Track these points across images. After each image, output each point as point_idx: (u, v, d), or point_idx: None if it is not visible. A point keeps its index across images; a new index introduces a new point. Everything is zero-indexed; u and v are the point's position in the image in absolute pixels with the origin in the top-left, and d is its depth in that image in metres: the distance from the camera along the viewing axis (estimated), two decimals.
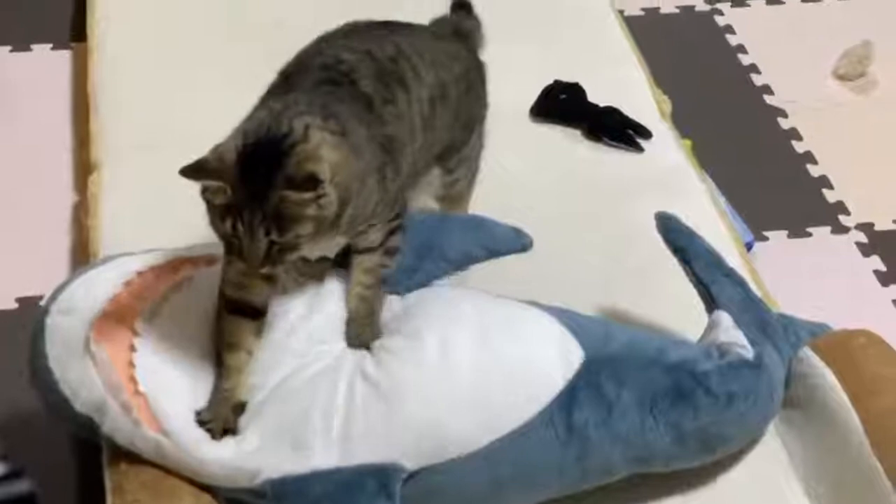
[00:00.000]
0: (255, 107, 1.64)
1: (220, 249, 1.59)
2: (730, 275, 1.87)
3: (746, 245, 2.33)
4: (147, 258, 1.76)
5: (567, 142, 2.38)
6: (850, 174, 2.69)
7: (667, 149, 2.38)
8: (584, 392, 1.65)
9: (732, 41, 3.04)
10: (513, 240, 1.86)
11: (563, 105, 2.42)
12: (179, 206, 1.56)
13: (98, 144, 2.31)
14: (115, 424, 1.63)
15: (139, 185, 2.19)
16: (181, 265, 1.75)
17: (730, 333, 1.78)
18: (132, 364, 1.63)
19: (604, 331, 1.74)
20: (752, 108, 2.86)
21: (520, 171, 2.25)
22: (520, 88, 2.39)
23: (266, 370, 1.66)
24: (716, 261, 1.88)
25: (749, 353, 1.75)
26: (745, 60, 2.98)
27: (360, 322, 1.71)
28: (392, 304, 1.75)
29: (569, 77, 2.45)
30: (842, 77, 2.94)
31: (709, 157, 2.50)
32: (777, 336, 1.81)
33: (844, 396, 1.74)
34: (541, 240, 1.87)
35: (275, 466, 1.59)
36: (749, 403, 1.72)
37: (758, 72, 2.95)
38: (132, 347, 1.65)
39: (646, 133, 2.38)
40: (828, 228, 2.58)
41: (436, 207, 1.97)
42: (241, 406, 1.64)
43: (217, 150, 1.52)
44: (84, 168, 2.38)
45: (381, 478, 1.58)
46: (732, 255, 2.03)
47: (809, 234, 2.56)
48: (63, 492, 1.99)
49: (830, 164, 2.71)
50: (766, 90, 2.90)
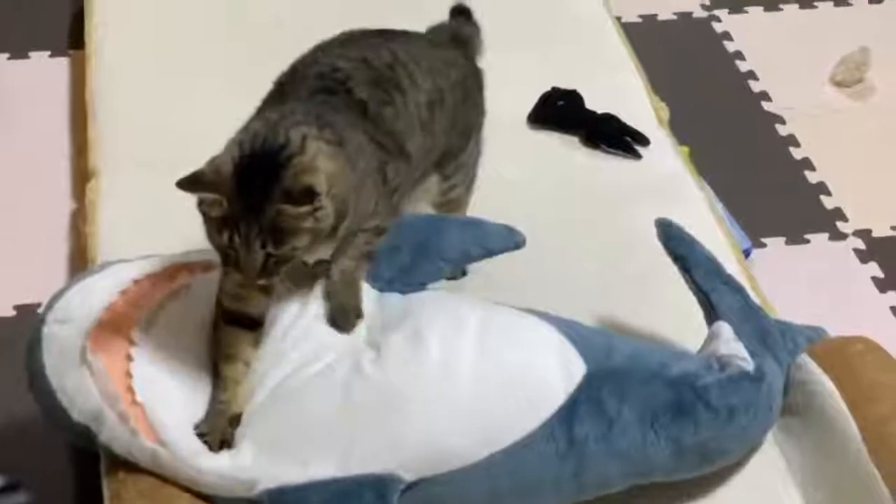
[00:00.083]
0: (252, 117, 1.64)
1: (217, 256, 1.59)
2: (729, 282, 1.86)
3: (744, 252, 2.33)
4: (143, 265, 1.76)
5: (565, 149, 2.37)
6: (848, 180, 2.68)
7: (664, 156, 2.37)
8: (585, 406, 1.64)
9: (730, 48, 3.04)
10: (506, 237, 1.86)
11: (561, 112, 2.41)
12: (177, 214, 1.55)
13: (96, 152, 2.31)
14: (113, 434, 1.63)
15: (137, 193, 2.19)
16: (177, 272, 1.75)
17: (730, 346, 1.76)
18: (129, 374, 1.63)
19: (607, 343, 1.73)
20: (750, 115, 2.86)
21: (517, 178, 2.24)
22: (517, 95, 2.38)
23: (262, 374, 1.66)
24: (715, 269, 1.87)
25: (749, 366, 1.74)
26: (743, 67, 2.98)
27: (340, 293, 1.69)
28: (392, 304, 1.74)
29: (566, 84, 2.44)
30: (839, 83, 2.93)
31: (706, 164, 2.50)
32: (777, 346, 1.81)
33: (842, 403, 1.74)
34: (538, 247, 1.87)
35: (272, 476, 1.59)
36: (749, 417, 1.71)
37: (755, 78, 2.95)
38: (129, 357, 1.64)
39: (643, 140, 2.37)
40: (825, 235, 2.57)
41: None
42: (239, 417, 1.64)
43: (213, 163, 1.52)
44: (82, 175, 2.37)
45: (379, 488, 1.58)
46: (730, 262, 2.03)
47: (807, 241, 2.55)
48: (61, 500, 1.99)
49: (828, 171, 2.71)
50: (764, 97, 2.90)
